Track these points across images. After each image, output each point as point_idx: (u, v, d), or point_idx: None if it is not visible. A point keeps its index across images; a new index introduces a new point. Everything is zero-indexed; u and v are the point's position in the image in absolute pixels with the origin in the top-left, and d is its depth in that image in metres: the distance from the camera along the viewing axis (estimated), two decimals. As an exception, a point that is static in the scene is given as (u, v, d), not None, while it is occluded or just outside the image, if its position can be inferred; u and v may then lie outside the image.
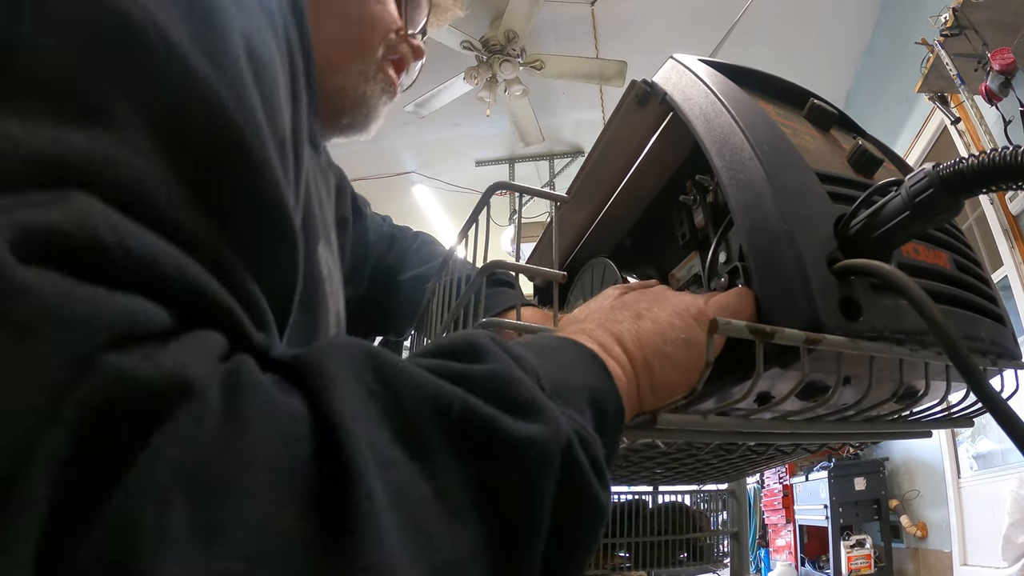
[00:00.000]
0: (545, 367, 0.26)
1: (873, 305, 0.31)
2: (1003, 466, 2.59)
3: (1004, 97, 1.97)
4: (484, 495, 0.20)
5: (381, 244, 0.76)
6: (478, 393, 0.22)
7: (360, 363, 0.21)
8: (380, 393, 0.20)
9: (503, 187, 0.50)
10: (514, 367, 0.24)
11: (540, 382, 0.25)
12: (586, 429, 0.25)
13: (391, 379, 0.21)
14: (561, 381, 0.26)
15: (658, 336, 0.33)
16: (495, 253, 4.06)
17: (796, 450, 0.55)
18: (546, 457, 0.22)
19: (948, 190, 0.29)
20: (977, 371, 0.27)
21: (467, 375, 0.23)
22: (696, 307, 0.35)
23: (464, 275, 0.51)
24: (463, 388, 0.22)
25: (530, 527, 0.21)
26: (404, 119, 3.90)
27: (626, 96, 0.48)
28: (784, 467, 4.02)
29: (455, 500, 0.20)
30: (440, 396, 0.21)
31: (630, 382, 0.31)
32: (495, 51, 3.23)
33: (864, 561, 3.29)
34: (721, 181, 0.37)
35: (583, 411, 0.26)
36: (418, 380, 0.21)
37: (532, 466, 0.21)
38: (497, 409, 0.22)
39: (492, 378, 0.23)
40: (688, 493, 0.88)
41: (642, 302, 0.36)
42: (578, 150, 4.47)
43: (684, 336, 0.33)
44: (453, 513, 0.20)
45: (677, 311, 0.35)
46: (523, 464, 0.21)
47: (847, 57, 3.58)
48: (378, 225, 0.77)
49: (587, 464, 0.23)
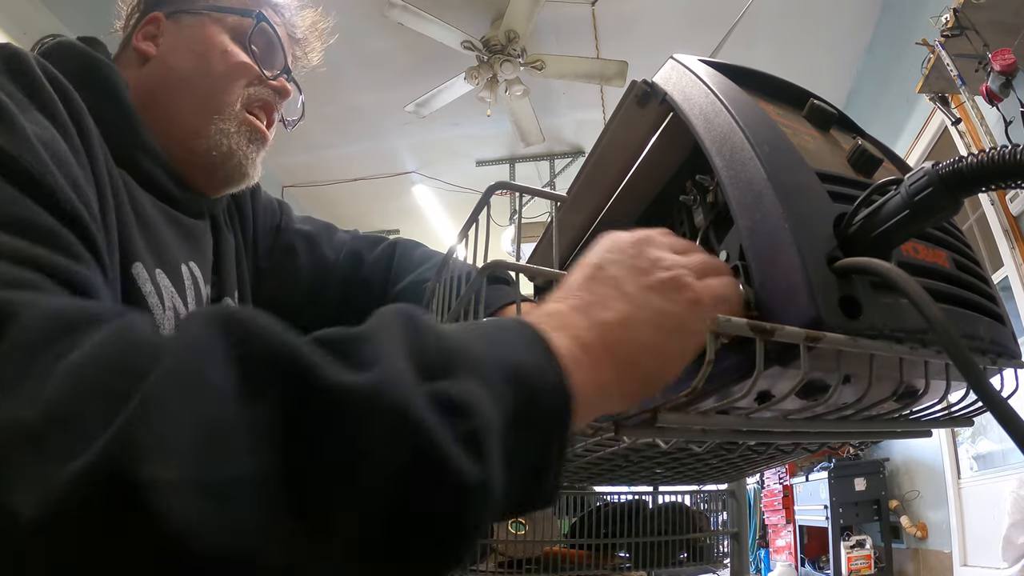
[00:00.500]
0: (462, 345, 0.27)
1: (873, 303, 0.31)
2: (1003, 467, 2.58)
3: (1005, 98, 1.96)
4: (290, 426, 0.21)
5: (347, 262, 0.76)
6: (326, 348, 0.24)
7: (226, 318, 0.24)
8: (231, 335, 0.23)
9: (503, 187, 0.50)
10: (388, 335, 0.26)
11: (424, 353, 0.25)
12: (465, 398, 0.24)
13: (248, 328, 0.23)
14: (474, 357, 0.26)
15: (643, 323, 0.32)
16: (495, 253, 4.06)
17: (796, 449, 0.55)
18: (362, 404, 0.22)
19: (947, 189, 0.29)
20: (977, 369, 0.27)
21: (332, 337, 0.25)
22: (692, 292, 0.33)
23: (463, 275, 0.51)
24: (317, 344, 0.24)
25: (330, 470, 0.21)
26: (404, 119, 3.91)
27: (626, 96, 0.48)
28: (784, 467, 4.02)
29: (261, 418, 0.21)
30: (283, 345, 0.23)
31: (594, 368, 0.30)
32: (496, 51, 3.23)
33: (864, 562, 3.29)
34: (721, 181, 0.37)
35: (493, 387, 0.26)
36: (271, 330, 0.24)
37: (341, 409, 0.22)
38: (330, 359, 0.23)
39: (345, 339, 0.25)
40: (688, 493, 0.88)
41: (629, 280, 0.34)
42: (579, 150, 4.47)
43: (674, 325, 0.32)
44: (254, 425, 0.21)
45: (668, 296, 0.33)
46: (333, 404, 0.22)
47: (848, 57, 3.58)
48: (339, 243, 0.78)
49: (444, 430, 0.23)
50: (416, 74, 3.64)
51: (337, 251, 0.77)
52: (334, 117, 4.15)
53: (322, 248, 0.76)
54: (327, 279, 0.75)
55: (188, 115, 0.60)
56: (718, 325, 0.30)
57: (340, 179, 4.86)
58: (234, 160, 0.62)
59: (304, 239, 0.76)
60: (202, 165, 0.61)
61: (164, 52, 0.62)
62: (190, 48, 0.62)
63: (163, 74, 0.61)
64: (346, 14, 3.22)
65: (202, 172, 0.62)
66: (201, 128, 0.60)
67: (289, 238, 0.76)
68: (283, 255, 0.75)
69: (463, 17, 3.19)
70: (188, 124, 0.60)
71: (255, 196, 0.76)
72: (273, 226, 0.77)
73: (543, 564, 0.80)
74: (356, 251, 0.77)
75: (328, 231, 0.79)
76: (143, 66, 0.62)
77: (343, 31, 0.70)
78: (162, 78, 0.61)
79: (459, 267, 0.55)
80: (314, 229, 0.78)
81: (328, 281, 0.75)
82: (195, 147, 0.60)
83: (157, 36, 0.63)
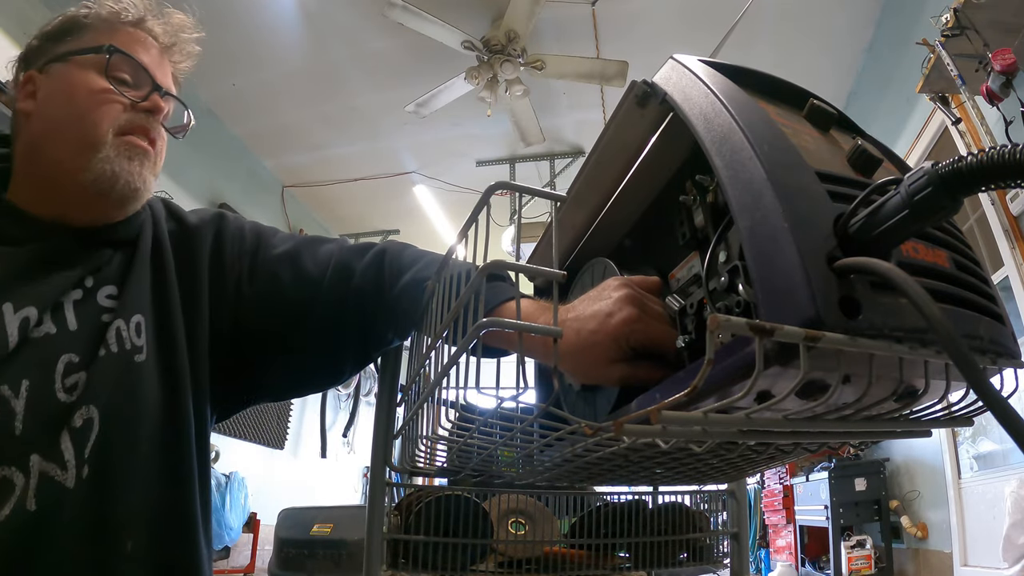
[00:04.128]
0: None
1: (873, 303, 0.31)
2: (1003, 467, 2.58)
3: (1005, 98, 1.97)
4: None
5: (335, 275, 0.77)
6: None
7: None
8: None
9: (503, 187, 0.50)
10: None
11: None
12: None
13: None
14: None
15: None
16: (495, 253, 4.04)
17: (796, 449, 0.55)
18: None
19: (947, 189, 0.29)
20: (977, 369, 0.27)
21: None
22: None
23: (462, 274, 0.51)
24: None
25: None
26: (404, 119, 3.91)
27: (626, 96, 0.48)
28: (784, 467, 4.02)
29: None
30: None
31: None
32: (496, 51, 3.23)
33: (864, 562, 3.29)
34: (721, 181, 0.37)
35: None
36: None
37: None
38: None
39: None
40: (688, 493, 0.88)
41: None
42: (579, 150, 4.48)
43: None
44: None
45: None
46: None
47: (848, 57, 3.58)
48: (324, 256, 0.78)
49: None
50: (416, 74, 3.64)
51: (323, 266, 0.77)
52: (334, 117, 4.15)
53: (305, 266, 0.77)
54: (315, 295, 0.75)
55: (68, 156, 0.65)
56: (718, 324, 0.30)
57: (340, 179, 4.87)
58: (120, 181, 0.66)
59: (287, 261, 0.77)
60: (94, 194, 0.66)
61: (40, 105, 0.67)
62: (59, 93, 0.67)
63: (41, 126, 0.67)
64: (346, 14, 3.24)
65: (97, 200, 0.66)
66: (82, 162, 0.65)
67: (270, 265, 0.77)
68: (266, 281, 0.76)
69: (463, 17, 3.19)
70: (70, 164, 0.65)
71: (221, 225, 0.78)
72: (245, 251, 0.77)
73: (543, 564, 0.80)
74: (345, 263, 0.77)
75: (311, 246, 0.79)
76: (28, 124, 0.67)
77: (343, 31, 0.70)
78: (41, 129, 0.67)
79: (458, 267, 0.55)
80: (295, 248, 0.79)
81: (316, 296, 0.75)
82: (82, 180, 0.65)
83: (36, 92, 0.68)
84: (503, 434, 0.51)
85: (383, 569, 0.73)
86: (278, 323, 0.75)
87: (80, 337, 0.62)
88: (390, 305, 0.72)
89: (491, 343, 0.54)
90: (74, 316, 0.63)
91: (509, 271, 0.51)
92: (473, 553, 0.77)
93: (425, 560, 0.74)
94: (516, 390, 0.42)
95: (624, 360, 0.48)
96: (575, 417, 0.43)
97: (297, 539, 1.97)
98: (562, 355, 0.49)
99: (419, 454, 0.63)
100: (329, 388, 0.87)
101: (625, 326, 0.47)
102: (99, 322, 0.64)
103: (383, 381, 0.80)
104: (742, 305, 0.39)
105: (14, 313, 0.59)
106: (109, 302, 0.66)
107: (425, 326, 0.65)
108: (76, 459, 0.58)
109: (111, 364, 0.63)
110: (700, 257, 0.45)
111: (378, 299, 0.73)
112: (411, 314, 0.69)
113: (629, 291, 0.49)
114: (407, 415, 0.69)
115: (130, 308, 0.66)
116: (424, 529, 0.74)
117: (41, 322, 0.60)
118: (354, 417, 4.96)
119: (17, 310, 0.60)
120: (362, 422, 5.21)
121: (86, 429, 0.59)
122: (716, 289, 0.42)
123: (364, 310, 0.74)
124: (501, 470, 0.66)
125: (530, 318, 0.55)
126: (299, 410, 5.24)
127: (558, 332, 0.42)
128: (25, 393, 0.57)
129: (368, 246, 0.80)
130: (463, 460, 0.61)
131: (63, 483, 0.57)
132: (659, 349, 0.47)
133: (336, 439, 5.43)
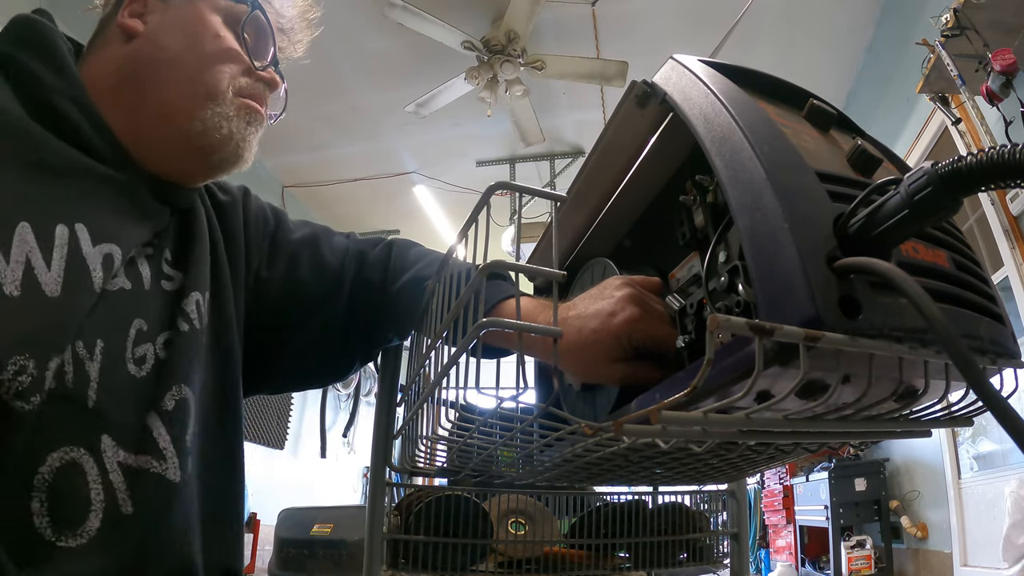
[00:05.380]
0: None
1: (872, 303, 0.31)
2: (1003, 467, 2.58)
3: (1005, 98, 1.96)
4: None
5: (351, 264, 0.76)
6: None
7: None
8: None
9: (503, 187, 0.50)
10: None
11: None
12: None
13: None
14: None
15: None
16: (495, 253, 4.04)
17: (796, 449, 0.55)
18: None
19: (947, 188, 0.29)
20: (977, 369, 0.27)
21: None
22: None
23: (462, 274, 0.51)
24: None
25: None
26: (405, 119, 3.91)
27: (626, 96, 0.48)
28: (784, 467, 4.02)
29: None
30: None
31: None
32: (496, 51, 3.23)
33: (864, 562, 3.28)
34: (721, 181, 0.37)
35: None
36: None
37: None
38: None
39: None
40: (688, 493, 0.88)
41: None
42: (579, 150, 4.47)
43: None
44: None
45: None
46: None
47: (848, 57, 3.58)
48: (341, 247, 0.77)
49: None
50: (416, 74, 3.64)
51: (339, 255, 0.76)
52: (334, 117, 4.15)
53: (324, 254, 0.75)
54: (336, 284, 0.74)
55: (177, 96, 0.58)
56: (718, 324, 0.30)
57: (340, 179, 4.86)
58: (232, 143, 0.60)
59: (307, 246, 0.75)
60: (198, 147, 0.59)
61: (152, 30, 0.60)
62: (181, 28, 0.60)
63: (150, 53, 0.59)
64: (346, 14, 3.24)
65: (194, 154, 0.60)
66: (195, 110, 0.58)
67: (290, 247, 0.74)
68: (286, 265, 0.73)
69: (463, 17, 3.19)
70: (178, 105, 0.58)
71: (246, 202, 0.75)
72: (267, 234, 0.74)
73: (543, 564, 0.80)
74: (360, 252, 0.76)
75: (327, 234, 0.78)
76: (127, 43, 0.59)
77: (343, 31, 0.70)
78: (149, 57, 0.59)
79: (458, 266, 0.55)
80: (313, 234, 0.77)
81: (339, 285, 0.74)
82: (189, 129, 0.58)
83: (144, 14, 0.61)
84: (503, 434, 0.51)
85: (383, 569, 0.73)
86: (293, 311, 0.72)
87: (151, 303, 0.54)
88: (391, 301, 0.72)
89: (491, 342, 0.54)
90: (150, 274, 0.55)
91: (509, 271, 0.51)
92: (473, 553, 0.77)
93: (425, 560, 0.74)
94: (516, 390, 0.42)
95: (625, 359, 0.48)
96: (575, 417, 0.43)
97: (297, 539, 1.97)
98: (563, 353, 0.49)
99: (419, 454, 0.63)
100: (332, 383, 0.85)
101: (628, 325, 0.47)
102: (168, 290, 0.57)
103: (383, 381, 0.80)
104: (742, 305, 0.39)
105: (93, 245, 0.49)
106: (170, 270, 0.58)
107: (425, 326, 0.65)
108: (176, 448, 0.50)
109: (193, 341, 0.56)
110: (700, 257, 0.45)
111: (381, 293, 0.73)
112: (411, 312, 0.69)
113: (631, 290, 0.49)
114: (407, 415, 0.68)
115: (199, 282, 0.60)
116: (424, 529, 0.74)
117: (117, 271, 0.51)
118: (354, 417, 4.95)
119: (97, 242, 0.49)
120: (362, 422, 5.20)
121: (181, 412, 0.52)
122: (716, 289, 0.42)
123: (369, 302, 0.74)
124: (501, 470, 0.66)
125: (530, 316, 0.55)
126: (299, 410, 5.24)
127: (558, 332, 0.42)
128: (100, 357, 0.48)
129: (378, 239, 0.79)
130: (463, 460, 0.61)
131: (163, 475, 0.49)
132: (660, 349, 0.47)
133: (336, 439, 5.43)
